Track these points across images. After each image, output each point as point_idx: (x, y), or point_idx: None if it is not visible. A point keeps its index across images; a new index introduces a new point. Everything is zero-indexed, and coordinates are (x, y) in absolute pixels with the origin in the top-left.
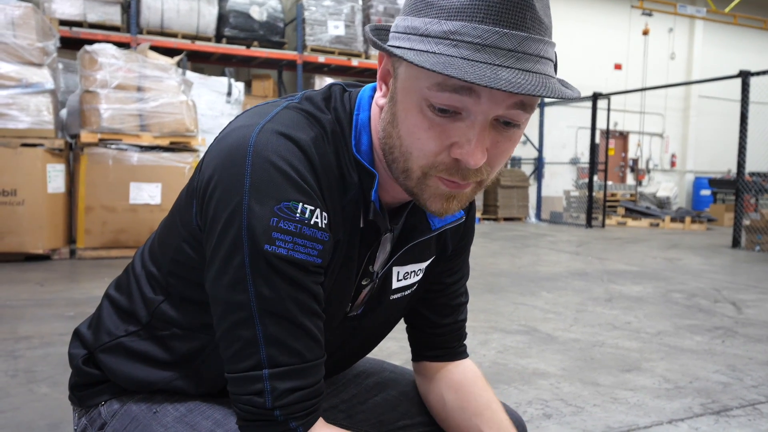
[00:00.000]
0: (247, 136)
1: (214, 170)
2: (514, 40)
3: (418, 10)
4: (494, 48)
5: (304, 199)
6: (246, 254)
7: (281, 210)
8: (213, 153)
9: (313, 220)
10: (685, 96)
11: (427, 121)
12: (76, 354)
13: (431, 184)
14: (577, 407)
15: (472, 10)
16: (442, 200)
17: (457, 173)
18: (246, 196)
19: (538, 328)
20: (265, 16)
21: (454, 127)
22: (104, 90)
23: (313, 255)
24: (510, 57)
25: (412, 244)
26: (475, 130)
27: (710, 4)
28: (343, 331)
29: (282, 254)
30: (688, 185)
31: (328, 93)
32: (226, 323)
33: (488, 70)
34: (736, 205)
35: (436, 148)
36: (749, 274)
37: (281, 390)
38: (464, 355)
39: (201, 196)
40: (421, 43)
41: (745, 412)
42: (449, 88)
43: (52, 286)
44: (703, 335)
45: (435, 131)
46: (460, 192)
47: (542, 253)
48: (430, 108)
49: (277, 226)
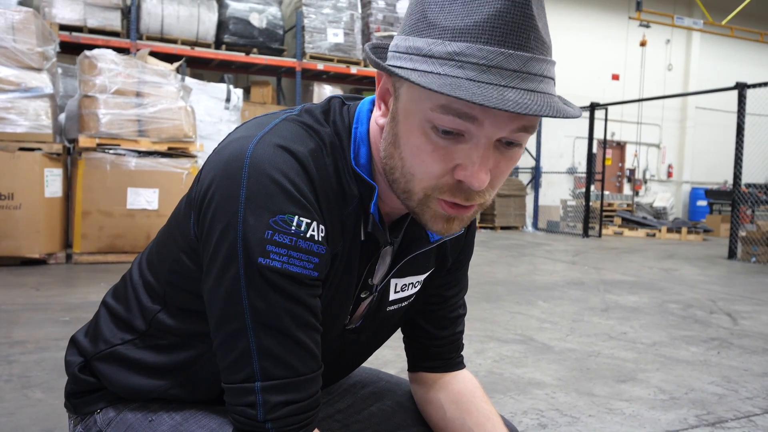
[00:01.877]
0: (244, 148)
1: (212, 181)
2: (519, 61)
3: (419, 30)
4: (500, 69)
5: (300, 212)
6: (240, 266)
7: (276, 223)
8: (211, 164)
9: (309, 233)
10: (682, 107)
11: (430, 143)
12: (72, 361)
13: (432, 206)
14: (573, 417)
15: (477, 31)
16: (443, 221)
17: (459, 194)
18: (241, 208)
19: (534, 337)
20: (265, 23)
21: (458, 149)
22: (103, 95)
23: (308, 268)
24: (515, 78)
25: (411, 256)
26: (479, 152)
27: (707, 16)
28: (340, 343)
29: (276, 267)
30: (684, 196)
31: (327, 106)
32: (221, 334)
33: (495, 91)
34: (732, 216)
35: (439, 171)
36: (745, 286)
37: (273, 403)
38: (461, 366)
39: (198, 207)
40: (425, 64)
41: (740, 424)
42: (453, 111)
43: (47, 291)
44: (698, 346)
45: (439, 153)
46: (462, 215)
47: (539, 263)
48: (433, 130)
49: (271, 239)
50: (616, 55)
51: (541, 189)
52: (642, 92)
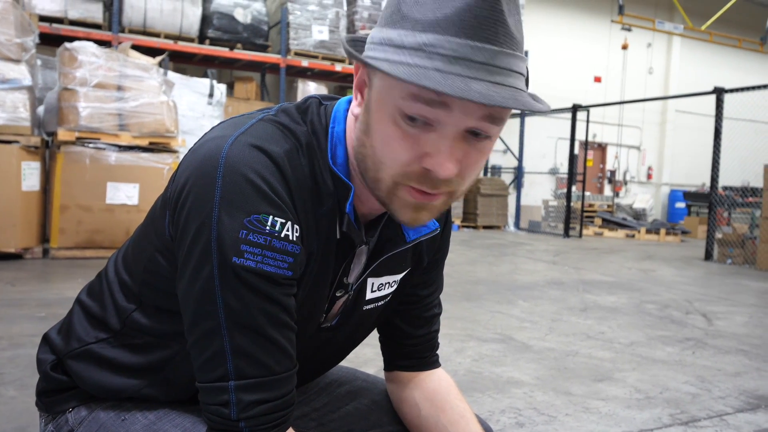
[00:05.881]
0: (219, 148)
1: (187, 181)
2: (486, 54)
3: (393, 23)
4: (467, 61)
5: (274, 212)
6: (215, 266)
7: (251, 222)
8: (186, 163)
9: (284, 233)
10: (662, 110)
11: (400, 131)
12: (44, 359)
13: (401, 195)
14: (550, 416)
15: (447, 23)
16: (412, 210)
17: (426, 182)
18: (216, 208)
19: (514, 336)
20: (250, 18)
21: (427, 137)
22: (83, 88)
23: (283, 268)
24: (482, 70)
25: (386, 256)
26: (447, 141)
27: (687, 21)
28: (316, 341)
29: (250, 267)
30: (663, 197)
31: (305, 106)
32: (196, 333)
33: (460, 81)
34: (709, 218)
35: (407, 158)
36: (720, 287)
37: (247, 402)
38: (437, 365)
39: (173, 207)
40: (396, 54)
41: (713, 423)
42: (422, 99)
43: (23, 286)
44: (674, 346)
45: (408, 141)
46: (430, 203)
47: (520, 262)
48: (403, 118)
49: (246, 239)
50: (598, 57)
51: (524, 189)
52: (623, 95)
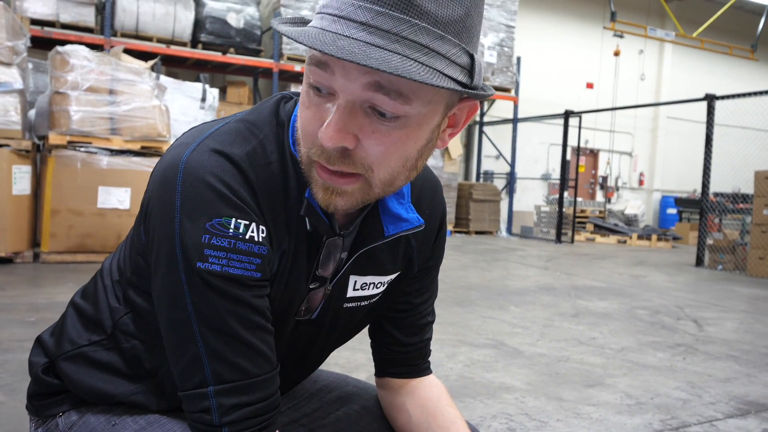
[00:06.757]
0: (180, 155)
1: (151, 190)
2: (369, 14)
3: None
4: (347, 20)
5: (237, 215)
6: (182, 272)
7: (213, 226)
8: (153, 172)
9: (249, 235)
10: (654, 116)
11: (309, 101)
12: (36, 362)
13: (313, 174)
14: (541, 422)
15: None
16: (323, 191)
17: (322, 155)
18: (178, 214)
19: (506, 342)
20: (242, 23)
21: (326, 108)
22: (75, 92)
23: (250, 269)
24: (362, 30)
25: (363, 250)
26: (338, 110)
27: (679, 28)
28: (297, 337)
29: (216, 271)
30: (655, 203)
31: (280, 98)
32: (172, 341)
33: (330, 37)
34: (700, 224)
35: (312, 130)
36: (711, 293)
37: (228, 406)
38: (428, 372)
39: (143, 215)
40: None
41: (703, 428)
42: (313, 61)
43: (13, 291)
44: (665, 352)
45: (312, 111)
46: (340, 187)
47: (512, 268)
48: (311, 88)
49: (209, 243)
50: (590, 64)
51: (516, 194)
52: (615, 101)
